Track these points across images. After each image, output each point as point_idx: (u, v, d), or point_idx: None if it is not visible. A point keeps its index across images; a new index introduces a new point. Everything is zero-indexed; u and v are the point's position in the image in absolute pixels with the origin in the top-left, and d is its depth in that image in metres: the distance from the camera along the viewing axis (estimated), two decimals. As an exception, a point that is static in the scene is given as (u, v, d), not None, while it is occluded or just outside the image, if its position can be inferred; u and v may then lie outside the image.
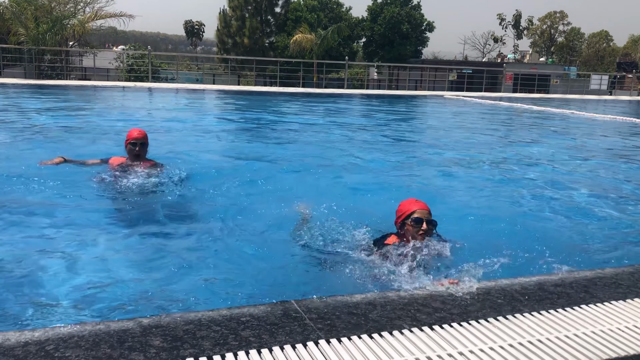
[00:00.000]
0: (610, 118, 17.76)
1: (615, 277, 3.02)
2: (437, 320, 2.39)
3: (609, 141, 12.44)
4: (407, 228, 3.62)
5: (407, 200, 3.76)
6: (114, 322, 2.21)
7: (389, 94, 26.77)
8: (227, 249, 4.08)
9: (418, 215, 3.60)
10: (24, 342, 2.02)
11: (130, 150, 5.55)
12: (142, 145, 5.56)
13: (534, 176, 7.52)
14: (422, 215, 3.61)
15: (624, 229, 5.23)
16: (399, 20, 39.69)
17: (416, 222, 3.58)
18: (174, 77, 27.36)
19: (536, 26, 69.54)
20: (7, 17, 21.83)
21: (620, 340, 2.30)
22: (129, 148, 5.55)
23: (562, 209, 5.80)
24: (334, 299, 2.54)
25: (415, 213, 3.60)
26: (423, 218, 3.61)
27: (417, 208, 3.64)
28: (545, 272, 3.20)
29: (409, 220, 3.60)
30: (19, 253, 3.70)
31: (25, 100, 14.87)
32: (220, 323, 2.24)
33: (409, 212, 3.62)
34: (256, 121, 13.60)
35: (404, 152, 9.82)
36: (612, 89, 38.19)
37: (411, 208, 3.65)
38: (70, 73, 24.88)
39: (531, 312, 2.52)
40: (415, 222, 3.58)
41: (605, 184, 7.29)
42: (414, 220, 3.58)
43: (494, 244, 4.23)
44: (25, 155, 6.90)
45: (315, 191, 6.12)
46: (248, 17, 38.61)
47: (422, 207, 3.65)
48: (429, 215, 3.64)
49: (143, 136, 5.59)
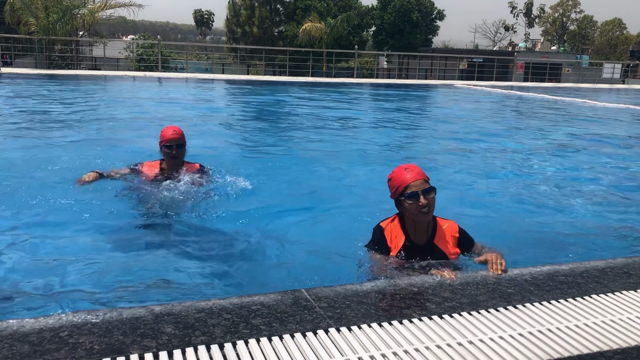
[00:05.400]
0: (623, 106, 17.58)
1: (627, 267, 3.01)
2: (447, 309, 2.40)
3: (623, 130, 12.32)
4: (405, 206, 3.10)
5: (396, 169, 3.16)
6: (126, 310, 2.23)
7: (399, 83, 26.65)
8: (239, 239, 4.10)
9: (412, 189, 3.04)
10: (39, 329, 2.05)
11: (166, 153, 4.70)
12: (179, 146, 4.70)
13: (545, 165, 7.48)
14: (417, 188, 3.04)
15: (635, 218, 5.20)
16: (409, 9, 39.37)
17: (412, 198, 3.03)
18: (184, 66, 27.40)
19: (548, 14, 68.80)
20: (17, 7, 21.92)
21: (631, 330, 2.29)
22: (165, 151, 4.70)
23: (573, 198, 5.77)
24: (344, 288, 2.55)
25: (408, 188, 3.05)
26: (418, 191, 3.03)
27: (410, 180, 3.05)
28: (556, 261, 3.18)
29: (404, 198, 3.07)
30: (37, 247, 3.74)
31: (41, 90, 14.96)
32: (231, 311, 2.26)
33: (402, 187, 3.07)
34: (267, 110, 13.60)
35: (414, 141, 9.78)
36: (625, 77, 37.74)
37: (403, 181, 3.07)
38: (81, 63, 24.99)
39: (541, 302, 2.51)
40: (410, 197, 3.04)
41: (619, 173, 7.23)
42: (408, 197, 3.04)
43: (504, 233, 4.23)
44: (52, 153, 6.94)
45: (326, 181, 6.13)
46: (257, 6, 38.48)
47: (415, 177, 3.06)
48: (425, 184, 3.07)
49: (180, 136, 4.69)
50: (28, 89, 15.07)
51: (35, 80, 17.52)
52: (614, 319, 2.38)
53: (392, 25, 40.01)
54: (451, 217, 3.38)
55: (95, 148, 7.17)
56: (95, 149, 7.10)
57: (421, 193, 3.02)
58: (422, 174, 3.10)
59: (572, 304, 2.51)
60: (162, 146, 4.70)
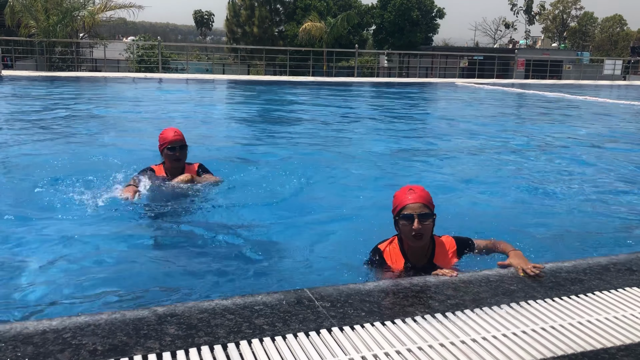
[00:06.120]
0: (626, 103, 17.55)
1: (630, 263, 3.00)
2: (450, 307, 2.40)
3: (624, 127, 12.29)
4: (399, 227, 3.00)
5: (402, 188, 3.06)
6: (129, 311, 2.23)
7: (400, 81, 26.62)
8: (241, 240, 4.10)
9: (408, 210, 2.91)
10: (42, 331, 2.05)
11: (169, 155, 4.60)
12: (182, 147, 4.62)
13: (547, 161, 7.47)
14: (413, 210, 2.91)
15: (638, 214, 5.19)
16: (409, 7, 39.33)
17: (406, 220, 2.92)
18: (184, 67, 27.40)
19: (548, 11, 68.68)
20: (17, 10, 21.95)
21: (634, 326, 2.29)
22: (167, 153, 4.59)
23: (575, 194, 5.76)
24: (347, 287, 2.55)
25: (405, 209, 2.93)
26: (414, 214, 2.90)
27: (408, 202, 2.93)
28: (559, 258, 3.18)
29: (398, 218, 2.97)
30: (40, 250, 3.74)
31: (42, 92, 14.98)
32: (234, 311, 2.26)
33: (400, 206, 2.96)
34: (267, 110, 13.60)
35: (416, 140, 9.77)
36: (626, 74, 37.65)
37: (402, 201, 2.96)
38: (81, 65, 25.03)
39: (544, 299, 2.51)
40: (405, 219, 2.93)
41: (621, 169, 7.22)
42: (403, 217, 2.93)
43: (506, 230, 4.22)
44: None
45: (329, 181, 6.13)
46: (257, 6, 38.47)
47: (415, 199, 2.93)
48: (424, 208, 2.93)
49: (182, 137, 4.63)
50: (29, 91, 15.08)
51: (36, 83, 17.54)
52: (618, 316, 2.37)
53: (392, 23, 39.97)
54: (452, 214, 3.38)
55: (98, 149, 7.18)
56: (98, 149, 7.12)
57: (416, 217, 2.89)
58: (425, 198, 2.97)
59: (575, 301, 2.51)
60: (163, 149, 4.57)
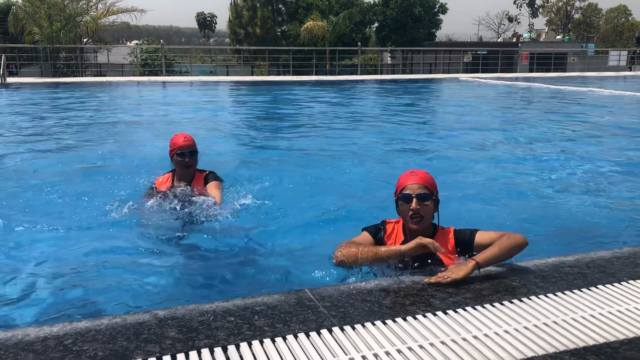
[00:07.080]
0: (632, 94, 17.43)
1: (634, 257, 2.98)
2: (451, 305, 2.39)
3: (628, 118, 12.21)
4: (399, 208, 2.95)
5: (406, 172, 3.01)
6: (130, 315, 2.24)
7: (404, 78, 26.58)
8: (241, 240, 4.10)
9: (407, 190, 2.85)
10: (43, 337, 2.06)
11: (178, 161, 4.48)
12: (192, 153, 4.49)
13: (551, 155, 7.44)
14: (412, 190, 2.85)
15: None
16: (411, 4, 39.17)
17: (404, 200, 2.86)
18: (188, 69, 27.47)
19: (551, 3, 68.29)
20: (20, 17, 22.07)
21: (638, 320, 2.27)
22: (177, 159, 4.47)
23: (578, 188, 5.73)
24: (347, 287, 2.54)
25: (405, 189, 2.87)
26: (412, 194, 2.84)
27: (408, 182, 2.88)
28: (562, 252, 3.16)
29: (397, 198, 2.93)
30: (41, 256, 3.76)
31: (47, 98, 15.06)
32: (235, 313, 2.26)
33: (400, 187, 2.92)
34: (271, 110, 13.61)
35: (422, 135, 9.75)
36: (632, 64, 37.39)
37: (403, 182, 2.91)
38: (86, 70, 25.15)
39: (547, 294, 2.49)
40: (403, 199, 2.87)
41: (625, 162, 7.17)
42: (401, 197, 2.87)
43: (509, 225, 4.20)
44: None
45: (330, 180, 6.13)
46: (259, 7, 38.45)
47: (415, 181, 2.87)
48: (423, 189, 2.86)
49: (192, 142, 4.50)
50: (34, 98, 15.17)
51: (42, 89, 17.64)
52: (621, 309, 2.36)
53: (394, 20, 39.83)
54: (457, 206, 3.34)
55: (104, 154, 7.21)
56: (104, 155, 7.15)
57: (415, 196, 2.83)
58: (426, 180, 2.90)
59: (578, 295, 2.49)
60: (173, 154, 4.48)
